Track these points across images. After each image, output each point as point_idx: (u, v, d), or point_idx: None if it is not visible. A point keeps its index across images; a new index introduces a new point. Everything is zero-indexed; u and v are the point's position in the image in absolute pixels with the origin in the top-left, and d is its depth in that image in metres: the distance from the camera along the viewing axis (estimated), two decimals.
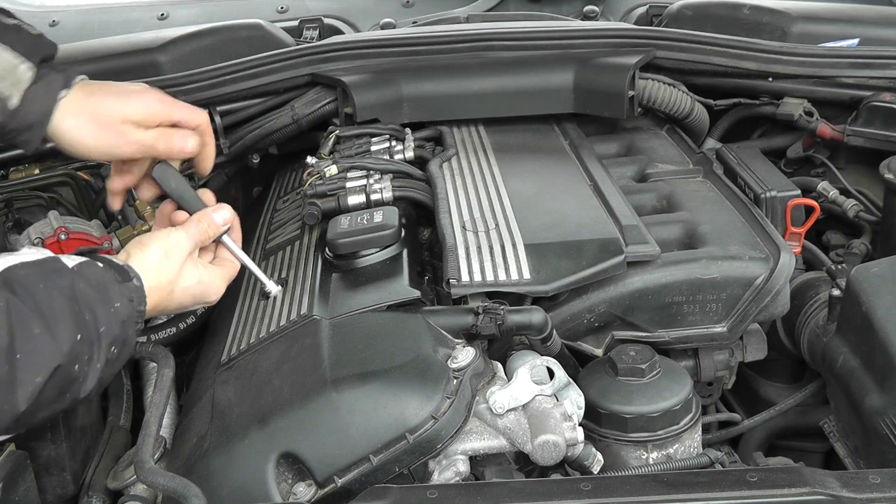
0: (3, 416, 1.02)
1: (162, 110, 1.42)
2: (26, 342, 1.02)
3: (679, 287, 1.43)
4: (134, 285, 1.19)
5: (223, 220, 1.37)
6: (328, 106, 1.91)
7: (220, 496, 1.15)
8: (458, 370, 1.21)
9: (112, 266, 1.19)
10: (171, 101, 1.44)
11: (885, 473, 1.04)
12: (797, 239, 1.67)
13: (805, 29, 2.12)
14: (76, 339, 1.06)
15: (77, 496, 1.33)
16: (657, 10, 2.55)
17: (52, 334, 1.04)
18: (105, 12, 2.73)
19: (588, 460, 1.23)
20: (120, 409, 1.45)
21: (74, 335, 1.06)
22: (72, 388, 1.08)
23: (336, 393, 1.18)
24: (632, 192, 1.64)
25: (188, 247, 1.30)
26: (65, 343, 1.05)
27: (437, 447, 1.16)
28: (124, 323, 1.15)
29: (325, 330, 1.31)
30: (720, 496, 1.03)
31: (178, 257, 1.28)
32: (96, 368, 1.10)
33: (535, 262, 1.39)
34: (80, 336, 1.07)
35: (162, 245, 1.27)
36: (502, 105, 1.91)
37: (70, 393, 1.08)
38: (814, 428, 1.58)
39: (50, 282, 1.08)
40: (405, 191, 1.62)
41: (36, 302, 1.05)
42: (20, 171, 1.90)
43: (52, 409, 1.08)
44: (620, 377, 1.34)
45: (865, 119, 1.84)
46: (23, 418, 1.04)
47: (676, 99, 1.89)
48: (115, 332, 1.13)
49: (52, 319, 1.05)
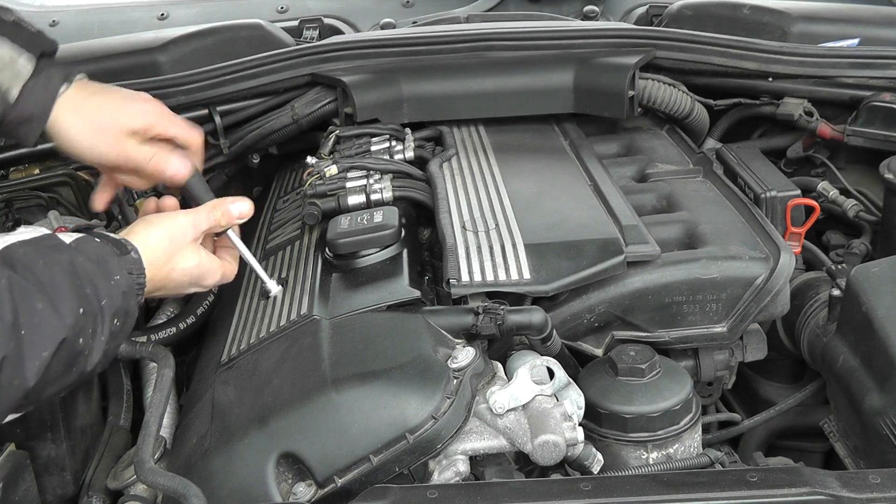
0: (13, 392, 1.02)
1: (160, 123, 1.43)
2: (30, 318, 1.02)
3: (679, 287, 1.43)
4: (132, 258, 1.20)
5: (239, 212, 1.37)
6: (328, 106, 1.91)
7: (220, 496, 1.15)
8: (458, 370, 1.21)
9: (109, 240, 1.20)
10: (170, 114, 1.46)
11: (885, 473, 1.04)
12: (797, 239, 1.67)
13: (805, 29, 2.12)
14: (79, 313, 1.07)
15: (77, 496, 1.33)
16: (657, 10, 2.55)
17: (55, 309, 1.04)
18: (105, 12, 2.73)
19: (588, 460, 1.23)
20: (120, 409, 1.45)
21: (77, 309, 1.07)
22: (78, 362, 1.09)
23: (336, 393, 1.18)
24: (632, 192, 1.64)
25: (192, 232, 1.31)
26: (68, 317, 1.05)
27: (437, 447, 1.16)
28: (125, 294, 1.15)
29: (325, 330, 1.31)
30: (720, 496, 1.03)
31: (181, 239, 1.29)
32: (101, 341, 1.11)
33: (535, 262, 1.39)
34: (83, 309, 1.08)
35: (166, 225, 1.29)
36: (502, 105, 1.91)
37: (76, 367, 1.09)
38: (814, 428, 1.58)
39: (49, 258, 1.08)
40: (405, 191, 1.62)
41: (37, 278, 1.05)
42: (20, 171, 1.90)
43: (59, 385, 1.08)
44: (620, 377, 1.34)
45: (865, 119, 1.84)
46: (32, 394, 1.04)
47: (676, 99, 1.89)
48: (118, 304, 1.14)
49: (53, 294, 1.05)
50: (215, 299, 1.59)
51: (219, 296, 1.60)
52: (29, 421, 1.27)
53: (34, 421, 1.28)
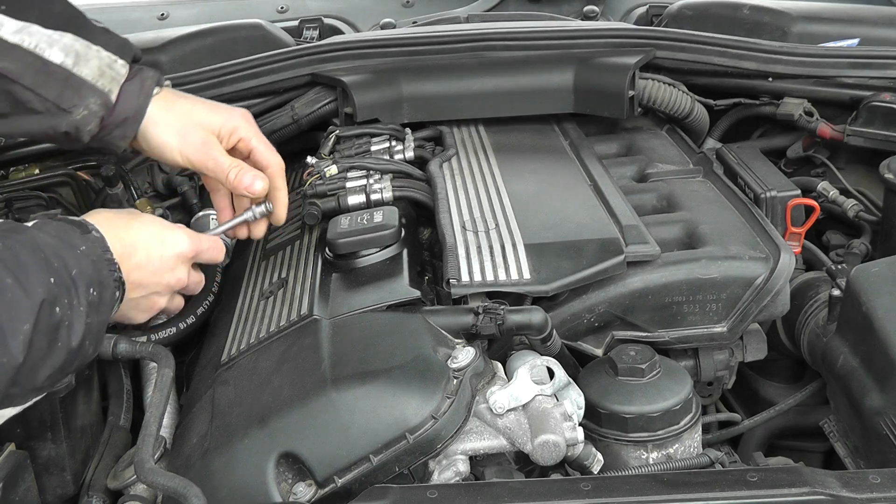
0: (4, 371, 1.02)
1: (246, 130, 1.48)
2: (3, 295, 1.02)
3: (679, 287, 1.43)
4: (94, 236, 1.19)
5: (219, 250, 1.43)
6: (328, 106, 1.91)
7: (220, 496, 1.15)
8: (458, 370, 1.21)
9: (68, 221, 1.20)
10: (256, 127, 1.50)
11: (885, 473, 1.04)
12: (797, 239, 1.67)
13: (805, 29, 2.12)
14: (50, 283, 1.06)
15: (77, 496, 1.32)
16: (657, 10, 2.55)
17: (25, 283, 1.04)
18: (105, 12, 2.72)
19: (588, 460, 1.23)
20: (120, 409, 1.45)
21: (47, 279, 1.06)
22: (60, 335, 1.08)
23: (336, 393, 1.18)
24: (632, 192, 1.64)
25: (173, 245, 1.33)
26: (39, 287, 1.05)
27: (437, 447, 1.16)
28: (95, 263, 1.15)
29: (325, 330, 1.31)
30: (720, 496, 1.03)
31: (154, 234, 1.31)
32: (80, 312, 1.10)
33: (535, 262, 1.39)
34: (54, 279, 1.07)
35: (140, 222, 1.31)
36: (502, 105, 1.91)
37: (61, 341, 1.08)
38: (814, 428, 1.58)
39: (9, 238, 1.08)
40: (405, 191, 1.62)
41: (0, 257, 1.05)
42: (20, 171, 1.90)
43: (51, 365, 1.07)
44: (620, 377, 1.34)
45: (865, 119, 1.84)
46: (24, 374, 1.04)
47: (676, 99, 1.89)
48: (89, 273, 1.13)
49: (19, 270, 1.04)
50: (215, 299, 1.59)
51: (219, 296, 1.60)
52: (29, 421, 1.27)
53: (34, 421, 1.28)
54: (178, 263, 1.35)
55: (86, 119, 1.36)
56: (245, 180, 1.44)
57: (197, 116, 1.45)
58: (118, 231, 1.25)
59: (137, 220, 1.32)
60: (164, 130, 1.42)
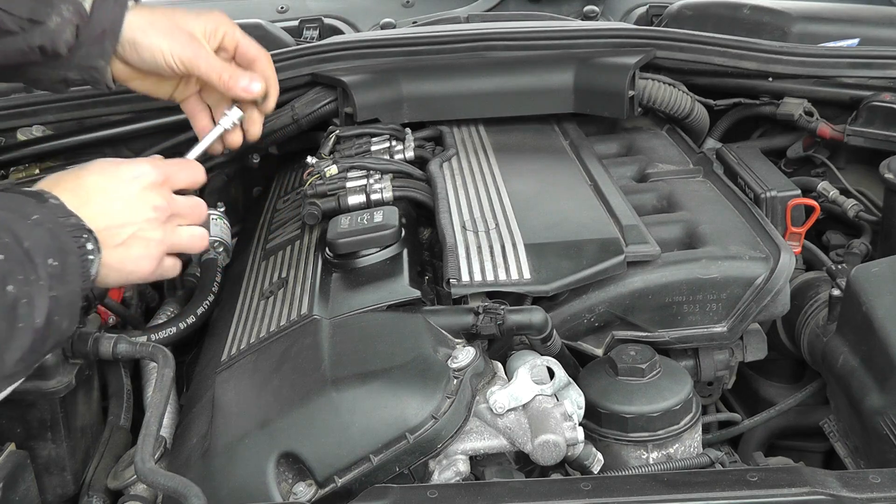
0: None
1: (228, 27, 1.46)
2: None
3: (679, 287, 1.43)
4: (52, 203, 1.10)
5: None
6: (328, 106, 1.91)
7: (220, 496, 1.15)
8: (459, 370, 1.21)
9: (22, 192, 1.11)
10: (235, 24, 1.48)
11: (885, 473, 1.04)
12: (797, 239, 1.67)
13: (805, 29, 2.12)
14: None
15: (77, 496, 1.33)
16: (657, 10, 2.55)
17: None
18: None
19: (588, 460, 1.23)
20: (120, 409, 1.45)
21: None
22: (19, 314, 0.99)
23: (336, 393, 1.18)
24: (632, 192, 1.64)
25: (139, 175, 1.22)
26: None
27: (438, 447, 1.16)
28: (52, 230, 1.05)
29: (325, 330, 1.31)
30: (720, 496, 1.03)
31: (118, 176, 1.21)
32: (40, 286, 1.02)
33: (535, 261, 1.39)
34: (4, 256, 0.99)
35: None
36: (502, 105, 1.91)
37: (21, 321, 1.00)
38: (814, 428, 1.58)
39: None
40: (405, 191, 1.62)
41: None
42: (20, 171, 1.90)
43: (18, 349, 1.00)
44: (620, 377, 1.34)
45: (865, 119, 1.84)
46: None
47: (676, 99, 1.89)
48: (46, 242, 1.04)
49: None
50: (215, 299, 1.59)
51: (219, 296, 1.60)
52: (29, 421, 1.27)
53: (34, 421, 1.28)
54: (148, 191, 1.20)
55: (59, 27, 1.32)
56: (242, 81, 1.42)
57: (179, 20, 1.42)
58: (67, 185, 1.15)
59: (86, 167, 1.20)
60: (151, 34, 1.39)
